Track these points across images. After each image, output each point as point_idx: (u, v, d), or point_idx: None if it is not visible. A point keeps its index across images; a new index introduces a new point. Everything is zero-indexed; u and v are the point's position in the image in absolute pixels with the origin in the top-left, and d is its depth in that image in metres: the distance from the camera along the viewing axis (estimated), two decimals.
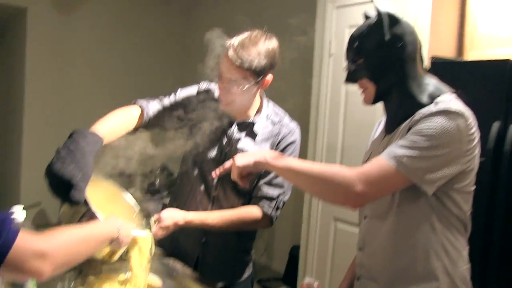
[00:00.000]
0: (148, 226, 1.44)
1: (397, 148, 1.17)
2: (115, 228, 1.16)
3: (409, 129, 1.20)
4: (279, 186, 1.61)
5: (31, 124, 4.54)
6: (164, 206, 1.82)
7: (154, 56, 5.01)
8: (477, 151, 1.23)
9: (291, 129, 1.65)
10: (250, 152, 1.50)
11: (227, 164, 1.40)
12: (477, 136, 1.22)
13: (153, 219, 1.49)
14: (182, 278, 1.51)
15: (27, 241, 0.89)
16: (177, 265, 1.59)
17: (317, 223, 2.99)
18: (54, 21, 4.51)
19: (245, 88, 1.50)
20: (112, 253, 1.26)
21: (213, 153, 1.63)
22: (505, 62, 1.96)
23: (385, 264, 1.29)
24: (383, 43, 1.25)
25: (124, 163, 1.47)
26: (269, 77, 1.57)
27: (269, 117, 1.65)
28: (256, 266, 4.40)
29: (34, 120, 4.54)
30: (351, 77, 1.34)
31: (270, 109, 1.68)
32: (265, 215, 1.60)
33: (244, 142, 1.61)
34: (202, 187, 1.64)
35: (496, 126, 1.92)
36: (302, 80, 3.76)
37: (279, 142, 1.63)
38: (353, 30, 1.35)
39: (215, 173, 1.44)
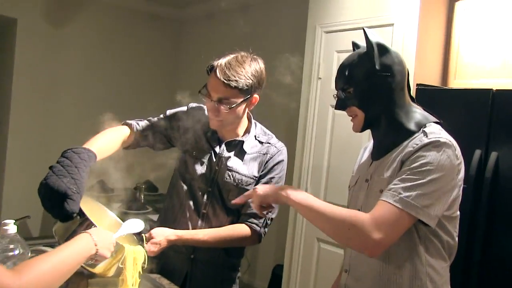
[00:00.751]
0: (140, 242, 1.45)
1: (401, 189, 1.18)
2: (91, 244, 1.12)
3: (402, 162, 1.23)
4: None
5: (16, 134, 4.51)
6: (151, 223, 1.83)
7: (143, 71, 5.03)
8: (462, 178, 1.27)
9: (279, 148, 1.69)
10: (272, 186, 1.52)
11: (248, 192, 1.43)
12: (462, 164, 1.26)
13: (144, 236, 1.50)
14: None
15: None
16: (164, 281, 1.60)
17: (301, 243, 3.01)
18: (43, 32, 4.52)
19: (232, 106, 1.53)
20: (108, 268, 1.27)
21: (202, 170, 1.65)
22: (487, 91, 2.03)
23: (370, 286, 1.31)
24: (372, 73, 1.29)
25: (109, 179, 1.49)
26: (256, 96, 1.61)
27: (257, 137, 1.69)
28: (239, 284, 4.40)
29: (19, 131, 4.51)
30: (341, 105, 1.37)
31: (259, 129, 1.73)
32: (254, 232, 1.63)
33: (233, 160, 1.64)
34: (192, 204, 1.66)
35: (477, 153, 1.98)
36: (290, 101, 3.81)
37: (267, 162, 1.66)
38: (341, 55, 1.39)
39: (236, 201, 1.46)
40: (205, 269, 1.68)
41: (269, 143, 1.69)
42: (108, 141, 1.54)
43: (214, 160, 1.65)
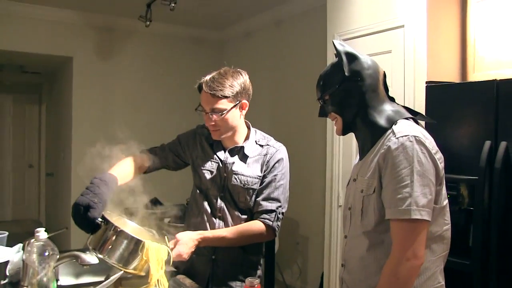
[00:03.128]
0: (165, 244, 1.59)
1: (397, 202, 1.25)
2: None
3: (379, 165, 1.32)
4: (276, 200, 1.80)
5: (78, 159, 4.97)
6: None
7: (190, 92, 5.29)
8: (443, 169, 1.34)
9: (277, 148, 1.85)
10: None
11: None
12: (439, 154, 1.33)
13: (169, 242, 1.64)
14: None
15: None
16: (187, 281, 1.76)
17: (337, 251, 3.07)
18: (96, 66, 4.98)
19: (223, 113, 1.72)
20: (140, 267, 1.48)
21: (213, 179, 1.84)
22: (491, 82, 2.06)
23: (360, 280, 1.40)
24: (343, 79, 1.41)
25: (132, 199, 1.73)
26: (246, 102, 1.80)
27: (257, 141, 1.87)
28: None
29: (81, 155, 4.95)
30: (322, 112, 1.51)
31: (258, 134, 1.90)
32: (268, 226, 1.78)
33: (238, 165, 1.82)
34: (208, 209, 1.85)
35: (487, 144, 2.01)
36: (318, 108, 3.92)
37: (268, 161, 1.82)
38: None
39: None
40: (227, 268, 1.82)
41: (268, 145, 1.85)
42: (128, 168, 1.83)
43: (221, 167, 1.83)
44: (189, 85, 1.88)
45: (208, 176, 1.84)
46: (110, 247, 1.46)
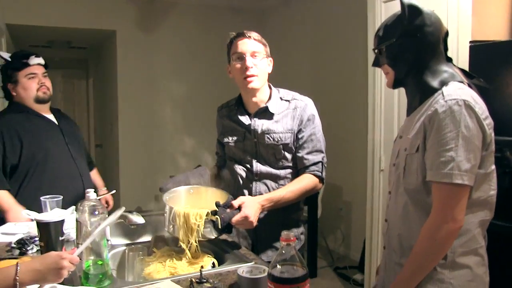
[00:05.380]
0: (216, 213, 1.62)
1: (440, 164, 1.24)
2: (10, 279, 1.11)
3: (425, 126, 1.29)
4: (320, 151, 1.87)
5: (125, 132, 5.16)
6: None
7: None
8: (492, 134, 1.31)
9: (306, 102, 1.89)
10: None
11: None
12: (489, 120, 1.29)
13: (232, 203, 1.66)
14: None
15: None
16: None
17: (379, 216, 3.07)
18: (138, 39, 5.08)
19: (263, 59, 1.82)
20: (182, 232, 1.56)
21: (244, 146, 1.90)
22: None
23: (401, 236, 1.41)
24: (403, 33, 1.36)
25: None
26: (271, 59, 1.89)
27: (283, 98, 1.90)
28: (334, 255, 4.57)
29: (127, 129, 5.15)
30: (375, 62, 1.48)
31: (282, 92, 1.93)
32: (318, 178, 1.85)
33: (266, 124, 1.86)
34: (244, 175, 1.90)
35: None
36: (358, 76, 3.87)
37: (300, 116, 1.85)
38: None
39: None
40: (269, 230, 1.85)
41: (295, 99, 1.89)
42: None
43: (249, 134, 1.88)
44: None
45: (237, 145, 1.91)
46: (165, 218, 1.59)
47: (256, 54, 1.81)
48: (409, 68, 1.39)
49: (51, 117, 2.42)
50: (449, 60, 1.42)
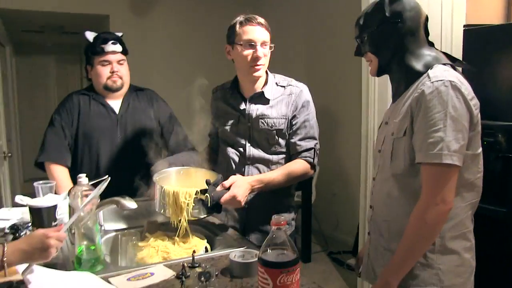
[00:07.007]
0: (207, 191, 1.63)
1: (429, 145, 1.24)
2: None
3: (412, 109, 1.29)
4: (313, 138, 1.87)
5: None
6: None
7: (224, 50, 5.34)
8: (478, 115, 1.31)
9: (301, 88, 1.88)
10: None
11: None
12: (475, 101, 1.29)
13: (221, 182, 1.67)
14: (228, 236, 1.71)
15: None
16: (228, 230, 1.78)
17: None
18: (132, 24, 5.02)
19: (272, 48, 1.81)
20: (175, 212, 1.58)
21: (236, 130, 1.90)
22: None
23: (387, 222, 1.42)
24: (383, 20, 1.37)
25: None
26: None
27: (278, 83, 1.89)
28: (328, 240, 4.59)
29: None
30: (358, 51, 1.50)
31: (278, 77, 1.92)
32: (309, 164, 1.86)
33: (261, 109, 1.86)
34: (237, 159, 1.90)
35: None
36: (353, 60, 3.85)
37: (295, 101, 1.85)
38: None
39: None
40: (260, 214, 1.85)
41: (291, 85, 1.88)
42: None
43: (243, 117, 1.88)
44: (224, 41, 1.89)
45: (230, 129, 1.90)
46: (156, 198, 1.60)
47: (265, 43, 1.80)
48: (392, 54, 1.40)
49: (117, 104, 2.34)
50: (431, 44, 1.43)
